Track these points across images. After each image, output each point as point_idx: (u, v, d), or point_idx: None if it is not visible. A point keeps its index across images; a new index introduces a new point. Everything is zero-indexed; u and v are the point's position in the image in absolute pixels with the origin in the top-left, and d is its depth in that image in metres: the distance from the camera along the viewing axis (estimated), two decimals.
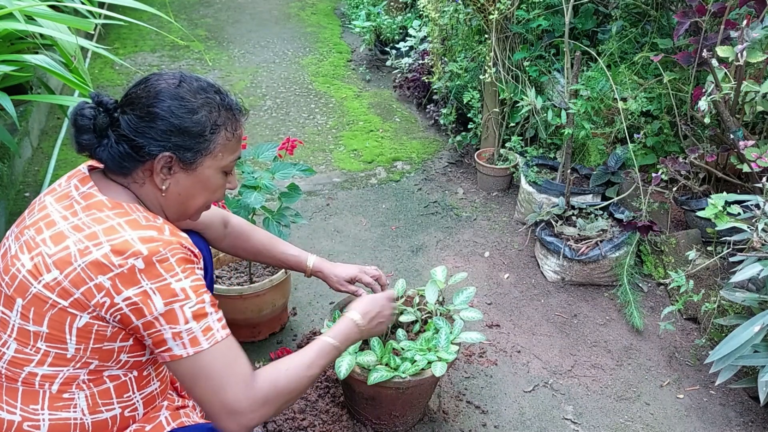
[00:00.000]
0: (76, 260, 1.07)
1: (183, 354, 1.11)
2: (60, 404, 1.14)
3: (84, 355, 1.12)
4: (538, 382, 2.09)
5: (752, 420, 1.98)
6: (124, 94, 1.21)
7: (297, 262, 1.72)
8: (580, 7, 2.95)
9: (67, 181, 1.22)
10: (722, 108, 2.19)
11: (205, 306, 1.14)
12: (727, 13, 2.10)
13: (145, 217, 1.15)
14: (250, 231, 1.69)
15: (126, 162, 1.16)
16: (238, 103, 1.28)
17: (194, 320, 1.11)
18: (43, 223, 1.13)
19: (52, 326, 1.09)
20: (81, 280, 1.07)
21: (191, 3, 5.76)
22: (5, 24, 2.03)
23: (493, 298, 2.46)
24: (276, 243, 1.72)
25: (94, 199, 1.15)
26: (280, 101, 4.04)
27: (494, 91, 3.07)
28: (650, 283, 2.54)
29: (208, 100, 1.20)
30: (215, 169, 1.24)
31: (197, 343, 1.11)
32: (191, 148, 1.18)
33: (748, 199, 1.99)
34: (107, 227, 1.09)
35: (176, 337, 1.10)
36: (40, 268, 1.08)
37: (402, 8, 4.69)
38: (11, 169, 2.82)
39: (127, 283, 1.07)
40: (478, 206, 3.05)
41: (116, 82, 4.16)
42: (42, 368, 1.11)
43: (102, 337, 1.12)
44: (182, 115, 1.16)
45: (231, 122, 1.24)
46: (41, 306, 1.08)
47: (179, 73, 1.22)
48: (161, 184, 1.19)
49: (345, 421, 1.87)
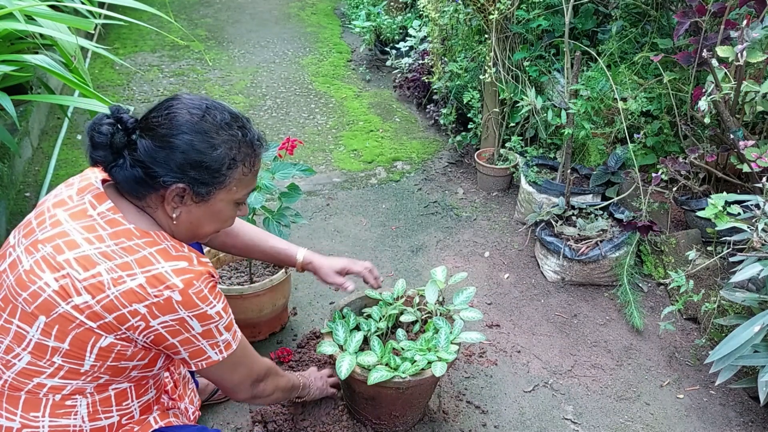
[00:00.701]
0: (109, 288, 1.07)
1: (220, 358, 1.23)
2: (61, 411, 1.14)
3: (98, 371, 1.14)
4: (538, 382, 2.09)
5: (752, 420, 1.98)
6: (144, 115, 1.18)
7: (287, 256, 1.73)
8: (580, 7, 2.95)
9: (78, 195, 1.19)
10: (722, 108, 2.19)
11: (231, 318, 1.24)
12: (727, 13, 2.10)
13: (174, 246, 1.17)
14: (239, 227, 1.69)
15: (140, 187, 1.15)
16: (261, 135, 1.26)
17: (227, 331, 1.22)
18: (61, 241, 1.11)
19: (74, 344, 1.10)
20: (114, 306, 1.08)
21: (191, 3, 5.76)
22: (5, 24, 2.03)
23: (493, 298, 2.46)
24: (265, 237, 1.72)
25: (121, 227, 1.14)
26: (280, 101, 4.04)
27: (494, 91, 3.07)
28: (650, 283, 2.54)
29: (231, 136, 1.17)
30: (228, 201, 1.23)
31: (230, 347, 1.25)
32: (207, 183, 1.17)
33: (748, 199, 1.99)
34: (140, 258, 1.10)
35: (214, 346, 1.21)
36: (69, 290, 1.08)
37: (402, 8, 4.69)
38: (11, 169, 2.82)
39: (164, 311, 1.10)
40: (478, 206, 3.05)
41: (116, 82, 4.16)
42: (52, 380, 1.12)
43: (121, 356, 1.14)
44: (203, 150, 1.14)
45: (250, 158, 1.22)
46: (67, 325, 1.09)
47: (203, 104, 1.18)
48: (172, 212, 1.18)
49: (345, 421, 1.87)
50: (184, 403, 1.52)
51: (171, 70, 4.40)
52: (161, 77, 4.28)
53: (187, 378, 1.60)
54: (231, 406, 1.93)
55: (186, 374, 1.60)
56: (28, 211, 2.75)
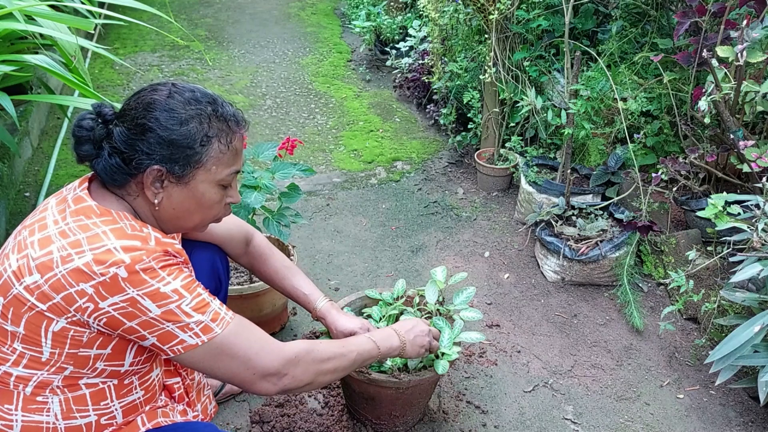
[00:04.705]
0: (57, 266, 1.05)
1: (197, 342, 1.14)
2: (33, 407, 1.13)
3: (59, 359, 1.11)
4: (538, 382, 2.09)
5: (752, 420, 1.98)
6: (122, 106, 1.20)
7: (306, 302, 1.66)
8: (580, 7, 2.95)
9: (72, 183, 1.21)
10: (722, 108, 2.19)
11: (204, 298, 1.15)
12: (727, 13, 2.10)
13: (131, 225, 1.13)
14: (269, 255, 1.64)
15: (117, 175, 1.14)
16: (237, 113, 1.23)
17: (198, 313, 1.13)
18: (38, 225, 1.12)
19: (29, 328, 1.08)
20: (61, 285, 1.05)
21: (191, 3, 5.76)
22: (5, 24, 2.03)
23: (493, 298, 2.46)
24: (291, 274, 1.66)
25: (84, 204, 1.13)
26: (280, 101, 4.04)
27: (494, 91, 3.07)
28: (650, 283, 2.54)
29: (199, 111, 1.16)
30: (210, 183, 1.20)
31: (209, 330, 1.14)
32: (179, 161, 1.15)
33: (748, 199, 1.99)
34: (91, 235, 1.08)
35: (185, 329, 1.12)
36: (23, 270, 1.07)
37: (402, 8, 4.69)
38: (11, 169, 2.82)
39: (111, 291, 1.06)
40: (478, 206, 3.05)
41: (116, 82, 4.16)
42: (17, 369, 1.11)
43: (78, 342, 1.11)
44: (170, 127, 1.13)
45: (225, 134, 1.19)
46: (20, 307, 1.08)
47: (171, 84, 1.19)
48: (153, 197, 1.17)
49: (345, 421, 1.87)
50: (195, 410, 1.47)
51: (171, 70, 4.40)
52: (161, 77, 4.27)
53: (203, 384, 1.53)
54: (231, 406, 1.93)
55: (201, 380, 1.53)
56: (28, 211, 2.76)
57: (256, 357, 1.19)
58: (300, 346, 1.27)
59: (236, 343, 1.17)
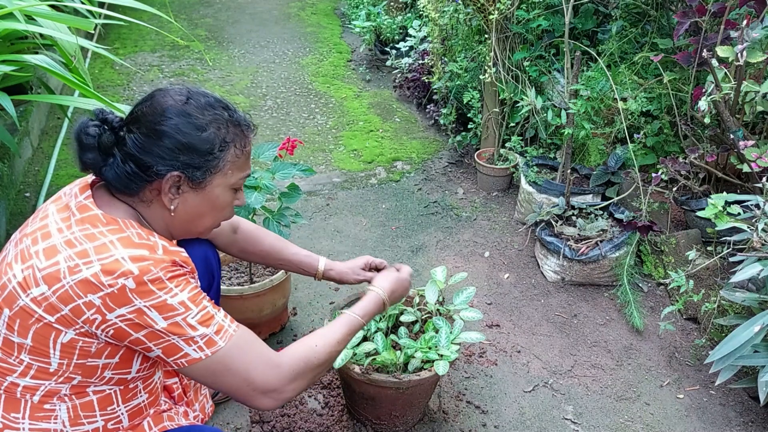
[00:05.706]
0: (65, 277, 1.04)
1: (201, 356, 1.12)
2: (41, 415, 1.12)
3: (67, 370, 1.10)
4: (538, 382, 2.09)
5: (752, 420, 1.98)
6: (130, 111, 1.18)
7: (309, 264, 1.69)
8: (580, 7, 2.95)
9: (70, 189, 1.19)
10: (722, 108, 2.19)
11: (209, 310, 1.14)
12: (727, 13, 2.10)
13: (138, 234, 1.12)
14: (260, 235, 1.66)
15: (133, 181, 1.13)
16: (247, 118, 1.24)
17: (203, 326, 1.12)
18: (40, 233, 1.10)
19: (36, 340, 1.07)
20: (69, 297, 1.04)
21: (191, 3, 5.76)
22: (5, 24, 2.03)
23: (493, 298, 2.46)
24: (286, 245, 1.69)
25: (89, 213, 1.12)
26: (280, 101, 4.04)
27: (494, 91, 3.07)
28: (650, 283, 2.54)
29: (216, 116, 1.17)
30: (224, 187, 1.21)
31: (213, 344, 1.13)
32: (200, 167, 1.15)
33: (748, 199, 1.99)
34: (99, 245, 1.07)
35: (190, 342, 1.11)
36: (30, 281, 1.06)
37: (402, 8, 4.69)
38: (11, 169, 2.82)
39: (118, 302, 1.05)
40: (478, 206, 3.05)
41: (116, 82, 4.16)
42: (24, 380, 1.10)
43: (86, 353, 1.10)
44: (190, 132, 1.13)
45: (240, 139, 1.20)
46: (27, 319, 1.06)
47: (186, 89, 1.18)
48: (170, 204, 1.16)
49: (345, 421, 1.87)
50: (195, 410, 1.48)
51: (171, 70, 4.40)
52: (161, 77, 4.28)
53: (200, 384, 1.52)
54: (231, 406, 1.93)
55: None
56: (28, 211, 2.76)
57: (255, 373, 1.17)
58: (299, 355, 1.23)
59: (238, 357, 1.15)
